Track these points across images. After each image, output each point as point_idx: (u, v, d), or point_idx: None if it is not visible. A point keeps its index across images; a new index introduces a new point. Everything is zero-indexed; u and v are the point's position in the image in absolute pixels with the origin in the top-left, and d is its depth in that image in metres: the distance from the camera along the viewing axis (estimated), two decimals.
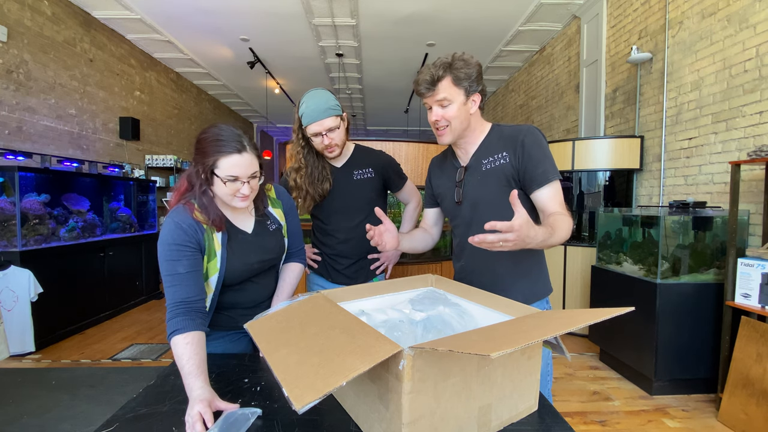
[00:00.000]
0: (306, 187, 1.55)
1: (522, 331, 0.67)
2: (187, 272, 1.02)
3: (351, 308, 1.03)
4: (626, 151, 3.38)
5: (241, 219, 1.19)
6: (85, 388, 2.48)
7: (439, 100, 1.12)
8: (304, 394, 0.55)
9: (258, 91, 7.62)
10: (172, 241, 1.03)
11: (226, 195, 1.07)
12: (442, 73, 1.10)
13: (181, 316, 0.98)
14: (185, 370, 0.90)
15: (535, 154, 1.12)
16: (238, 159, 1.04)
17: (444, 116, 1.14)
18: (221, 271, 1.10)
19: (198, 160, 1.06)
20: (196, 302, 1.02)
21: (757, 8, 2.39)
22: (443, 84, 1.11)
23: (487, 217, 1.16)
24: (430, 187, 1.41)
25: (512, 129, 1.18)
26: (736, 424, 2.04)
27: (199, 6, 4.37)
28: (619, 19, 3.74)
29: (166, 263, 1.02)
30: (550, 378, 1.25)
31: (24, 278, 2.96)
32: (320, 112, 1.43)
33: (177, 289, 1.01)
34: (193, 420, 0.79)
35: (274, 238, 1.24)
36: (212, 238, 1.09)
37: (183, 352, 0.93)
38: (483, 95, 1.17)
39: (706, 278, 2.44)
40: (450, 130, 1.16)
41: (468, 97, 1.13)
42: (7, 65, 3.49)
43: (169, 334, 0.97)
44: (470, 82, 1.11)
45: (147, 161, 5.63)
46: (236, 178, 1.04)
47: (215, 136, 1.05)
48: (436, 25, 4.80)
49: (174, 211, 1.08)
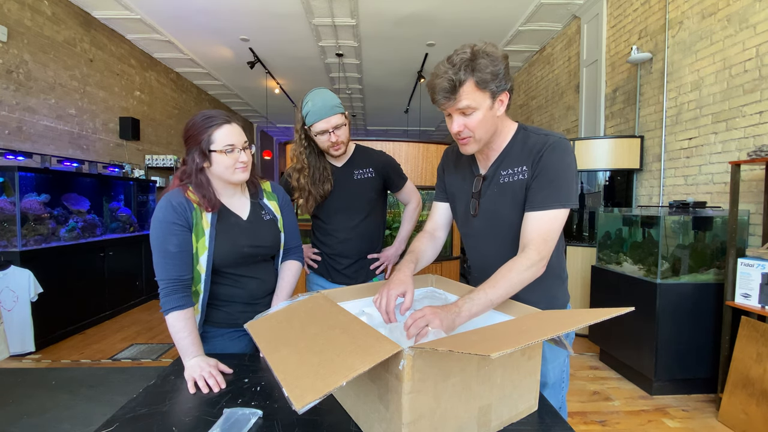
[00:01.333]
0: (309, 187, 1.55)
1: (522, 331, 0.67)
2: (177, 251, 1.09)
3: (351, 308, 1.03)
4: (626, 151, 3.38)
5: (237, 205, 1.22)
6: (85, 388, 2.48)
7: (461, 109, 0.95)
8: (304, 394, 0.55)
9: (258, 91, 7.62)
10: (163, 219, 1.08)
11: (227, 168, 1.11)
12: (464, 77, 0.91)
13: (180, 293, 1.08)
14: (187, 341, 1.04)
15: (548, 174, 0.98)
16: (229, 128, 1.11)
17: (467, 126, 0.97)
18: (210, 250, 1.13)
19: (192, 144, 1.12)
20: (187, 280, 1.11)
21: (757, 8, 2.39)
22: (465, 89, 0.92)
23: (502, 233, 1.09)
24: (442, 180, 1.27)
25: (537, 138, 1.03)
26: (736, 424, 2.04)
27: (199, 6, 4.37)
28: (619, 19, 3.74)
29: (157, 240, 1.08)
30: (566, 384, 1.18)
31: (24, 278, 2.96)
32: (327, 109, 1.44)
33: (169, 267, 1.08)
34: (209, 371, 0.97)
35: (268, 227, 1.26)
36: (201, 217, 1.13)
37: (184, 326, 1.05)
38: (511, 92, 1.00)
39: (706, 278, 2.44)
40: (474, 141, 1.00)
41: (494, 99, 0.96)
42: (7, 65, 3.49)
43: (170, 309, 1.06)
44: (498, 82, 0.94)
45: (147, 161, 5.63)
46: (233, 146, 1.11)
47: (203, 116, 1.12)
48: (436, 25, 4.80)
49: (169, 192, 1.14)
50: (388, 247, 1.77)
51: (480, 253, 1.18)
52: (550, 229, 0.98)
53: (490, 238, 1.12)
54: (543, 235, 0.97)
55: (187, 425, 0.80)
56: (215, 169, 1.12)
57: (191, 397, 0.92)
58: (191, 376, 0.97)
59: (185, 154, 1.15)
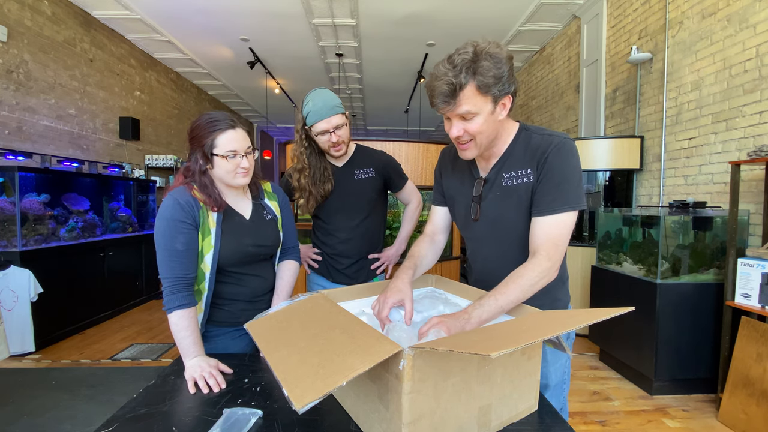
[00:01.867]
0: (309, 187, 1.55)
1: (522, 331, 0.67)
2: (185, 249, 1.09)
3: (351, 308, 1.03)
4: (626, 151, 3.38)
5: (241, 205, 1.23)
6: (85, 388, 2.48)
7: (461, 114, 0.91)
8: (304, 394, 0.55)
9: (258, 91, 7.62)
10: (171, 217, 1.08)
11: (228, 173, 1.12)
12: (465, 80, 0.86)
13: (185, 291, 1.08)
14: (189, 340, 1.05)
15: (554, 177, 0.95)
16: (233, 134, 1.11)
17: (467, 131, 0.94)
18: (215, 248, 1.14)
19: (195, 146, 1.12)
20: (191, 278, 1.11)
21: (757, 8, 2.39)
22: (466, 93, 0.88)
23: (506, 237, 1.06)
24: (439, 183, 1.24)
25: (541, 139, 0.99)
26: (736, 424, 2.04)
27: (199, 6, 4.37)
28: (619, 19, 3.74)
29: (163, 238, 1.08)
30: (567, 385, 1.18)
31: (24, 278, 2.96)
32: (328, 109, 1.44)
33: (175, 265, 1.08)
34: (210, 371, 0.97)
35: (270, 226, 1.27)
36: (207, 215, 1.13)
37: (187, 325, 1.06)
38: (514, 95, 0.95)
39: (706, 278, 2.44)
40: (474, 145, 0.97)
41: (497, 104, 0.92)
42: (7, 65, 3.49)
43: (173, 307, 1.06)
44: (501, 85, 0.89)
45: (147, 161, 5.63)
46: (235, 152, 1.11)
47: (208, 119, 1.12)
48: (436, 25, 4.80)
49: (174, 190, 1.14)
50: (388, 247, 1.77)
51: (482, 256, 1.16)
52: (560, 234, 0.95)
53: (492, 242, 1.10)
54: (553, 239, 0.95)
55: (187, 425, 0.80)
56: (216, 173, 1.13)
57: (191, 397, 0.92)
58: (191, 375, 0.97)
59: (188, 153, 1.16)
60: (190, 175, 1.14)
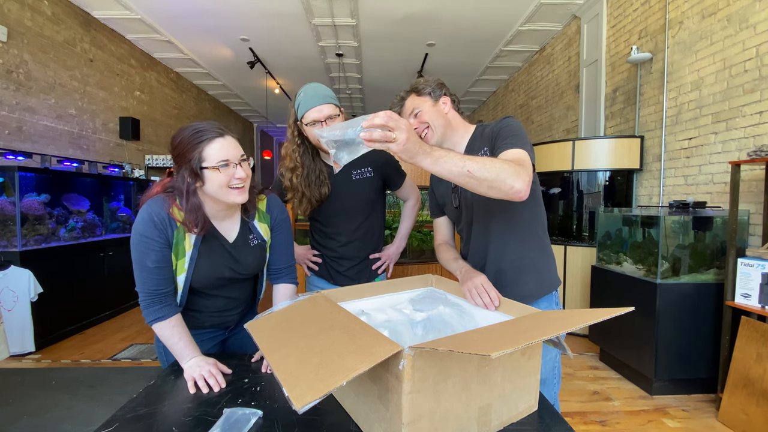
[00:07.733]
0: (302, 188, 1.48)
1: (522, 331, 0.67)
2: (155, 267, 1.03)
3: (351, 308, 1.03)
4: (626, 151, 3.38)
5: (226, 226, 1.14)
6: (85, 388, 2.48)
7: (411, 112, 1.22)
8: (304, 394, 0.55)
9: (258, 91, 7.62)
10: (143, 232, 1.02)
11: (222, 187, 1.00)
12: (406, 93, 1.25)
13: (158, 305, 1.04)
14: (179, 346, 1.03)
15: (504, 133, 1.10)
16: (222, 142, 1.00)
17: (420, 120, 1.21)
18: (188, 273, 1.08)
19: (181, 162, 1.00)
20: (166, 291, 1.06)
21: (757, 8, 2.39)
22: (409, 99, 1.24)
23: (483, 218, 1.24)
24: (434, 197, 1.44)
25: (492, 124, 1.20)
26: (736, 424, 2.04)
27: (199, 6, 4.37)
28: (619, 19, 3.74)
29: (136, 252, 1.04)
30: (558, 382, 1.24)
31: (24, 278, 2.96)
32: (319, 98, 1.38)
33: (146, 280, 1.04)
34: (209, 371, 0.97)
35: (253, 253, 1.17)
36: (183, 237, 1.05)
37: (172, 334, 1.04)
38: (454, 101, 1.25)
39: (706, 278, 2.44)
40: (432, 131, 1.20)
41: (436, 101, 1.22)
42: (7, 65, 3.49)
43: (151, 321, 1.04)
44: (432, 89, 1.22)
45: (147, 161, 5.63)
46: (227, 161, 0.99)
47: (192, 130, 1.00)
48: (436, 25, 4.80)
49: (153, 200, 1.04)
50: (388, 246, 1.75)
51: (469, 245, 1.31)
52: (522, 158, 0.99)
53: (472, 226, 1.27)
54: (516, 160, 0.98)
55: (187, 425, 0.80)
56: (208, 189, 1.01)
57: (191, 397, 0.92)
58: (191, 375, 0.97)
59: (175, 167, 1.05)
60: (172, 191, 1.05)
